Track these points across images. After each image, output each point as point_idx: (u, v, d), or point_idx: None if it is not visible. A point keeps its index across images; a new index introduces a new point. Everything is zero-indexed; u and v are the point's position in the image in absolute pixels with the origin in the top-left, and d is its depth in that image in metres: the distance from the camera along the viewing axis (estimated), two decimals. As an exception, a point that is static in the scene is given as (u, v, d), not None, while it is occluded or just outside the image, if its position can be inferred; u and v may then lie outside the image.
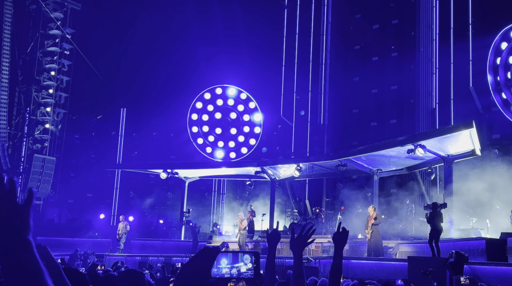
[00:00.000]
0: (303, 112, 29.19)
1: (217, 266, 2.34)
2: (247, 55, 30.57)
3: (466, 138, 19.09)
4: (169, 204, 32.18)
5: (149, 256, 23.38)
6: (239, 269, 2.37)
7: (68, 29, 30.84)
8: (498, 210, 20.93)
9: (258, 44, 30.35)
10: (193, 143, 31.92)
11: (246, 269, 2.36)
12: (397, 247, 20.92)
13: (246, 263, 2.38)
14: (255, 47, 30.41)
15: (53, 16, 30.16)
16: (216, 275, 2.34)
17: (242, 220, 23.89)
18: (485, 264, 16.10)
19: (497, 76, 23.77)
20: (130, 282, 3.83)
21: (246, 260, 2.38)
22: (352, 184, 27.46)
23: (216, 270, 2.34)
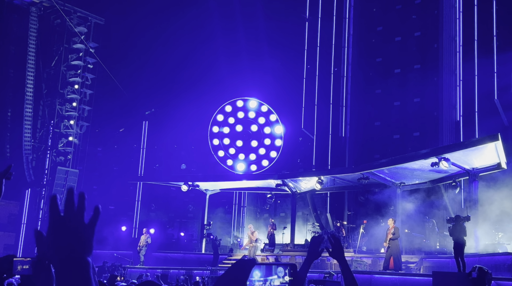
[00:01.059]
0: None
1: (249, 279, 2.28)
2: (269, 67, 30.63)
3: (492, 151, 18.77)
4: (190, 217, 32.19)
5: (170, 269, 23.37)
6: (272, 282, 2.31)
7: (91, 43, 31.28)
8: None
9: (279, 57, 30.39)
10: (214, 155, 31.96)
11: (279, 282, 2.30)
12: (420, 261, 20.59)
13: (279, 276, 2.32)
14: (276, 59, 30.46)
15: (77, 30, 30.63)
16: None
17: (252, 232, 23.78)
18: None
19: (522, 88, 23.40)
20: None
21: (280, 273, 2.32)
22: (374, 197, 27.16)
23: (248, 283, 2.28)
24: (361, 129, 29.64)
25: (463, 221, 17.30)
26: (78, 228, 1.51)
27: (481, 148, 18.57)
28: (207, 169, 31.33)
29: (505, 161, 19.39)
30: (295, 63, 30.76)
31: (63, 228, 1.52)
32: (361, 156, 28.80)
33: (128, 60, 32.06)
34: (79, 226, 1.51)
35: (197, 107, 32.04)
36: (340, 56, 29.93)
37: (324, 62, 30.36)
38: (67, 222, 1.52)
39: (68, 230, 1.51)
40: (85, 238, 1.53)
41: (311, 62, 30.77)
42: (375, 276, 18.89)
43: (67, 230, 1.51)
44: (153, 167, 32.48)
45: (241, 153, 32.17)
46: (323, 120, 29.82)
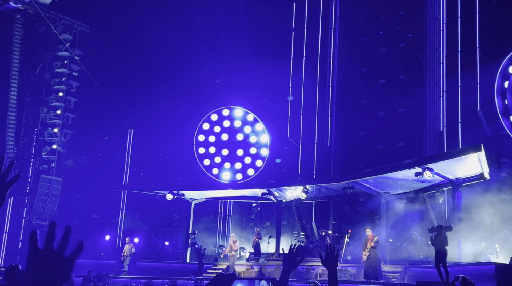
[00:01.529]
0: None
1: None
2: (255, 76, 30.71)
3: (475, 162, 18.99)
4: (175, 226, 32.04)
5: (154, 279, 23.20)
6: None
7: (76, 51, 31.12)
8: (506, 234, 20.73)
9: (265, 66, 30.49)
10: (200, 164, 31.90)
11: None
12: (405, 271, 20.69)
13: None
14: (262, 68, 30.56)
15: (62, 38, 30.47)
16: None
17: (234, 241, 23.74)
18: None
19: (505, 100, 23.74)
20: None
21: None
22: (360, 206, 27.29)
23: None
24: (346, 139, 29.80)
25: (445, 231, 17.46)
26: (58, 262, 1.50)
27: (464, 158, 18.79)
28: (193, 177, 31.24)
29: (487, 171, 19.63)
30: (281, 73, 30.88)
31: (41, 262, 1.52)
32: (346, 165, 28.95)
33: (113, 68, 31.95)
34: (58, 260, 1.50)
35: (182, 115, 31.99)
36: (326, 66, 30.13)
37: (310, 71, 30.54)
38: (46, 256, 1.52)
39: (47, 263, 1.51)
40: (64, 271, 1.52)
41: (297, 71, 30.93)
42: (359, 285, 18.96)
43: (46, 263, 1.52)
44: (138, 175, 32.31)
45: (227, 162, 32.15)
46: (309, 129, 29.95)
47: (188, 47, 32.11)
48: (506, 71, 23.77)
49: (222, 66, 31.16)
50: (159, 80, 32.10)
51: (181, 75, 31.83)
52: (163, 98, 31.87)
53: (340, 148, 29.69)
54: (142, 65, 32.22)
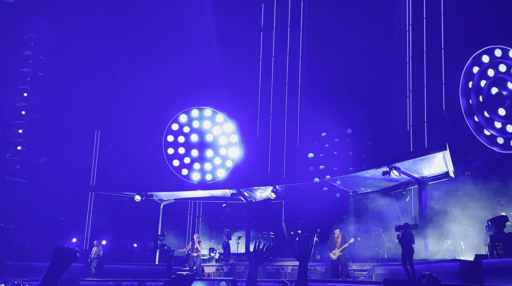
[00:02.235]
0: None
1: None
2: (224, 77, 30.63)
3: (440, 161, 19.31)
4: (144, 228, 31.70)
5: (123, 281, 22.92)
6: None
7: (42, 50, 30.54)
8: (470, 231, 21.13)
9: (234, 67, 30.45)
10: (169, 165, 31.62)
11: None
12: (372, 269, 20.90)
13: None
14: (231, 69, 30.51)
15: (27, 37, 29.87)
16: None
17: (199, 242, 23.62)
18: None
19: (469, 100, 24.20)
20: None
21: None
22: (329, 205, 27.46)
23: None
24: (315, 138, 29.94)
25: (411, 229, 17.70)
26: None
27: (430, 157, 19.09)
28: (162, 178, 30.96)
29: (452, 170, 19.97)
30: (250, 73, 30.88)
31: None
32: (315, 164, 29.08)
33: (79, 68, 31.45)
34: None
35: (151, 116, 31.68)
36: (295, 66, 30.24)
37: (279, 71, 30.61)
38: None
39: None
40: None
41: (266, 71, 30.97)
42: (328, 284, 19.06)
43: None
44: (105, 176, 31.86)
45: (197, 162, 31.96)
46: (278, 130, 30.01)
47: (156, 47, 31.84)
48: (470, 71, 24.23)
49: (191, 66, 30.98)
50: (127, 79, 31.72)
51: (149, 75, 31.53)
52: (131, 98, 31.51)
53: (310, 147, 29.83)
54: (109, 65, 31.78)
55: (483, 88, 24.28)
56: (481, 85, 24.32)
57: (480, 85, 24.34)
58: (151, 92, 31.46)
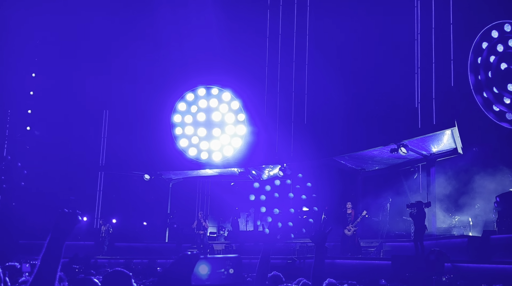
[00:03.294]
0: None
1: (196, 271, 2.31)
2: (230, 54, 30.48)
3: (448, 138, 19.28)
4: (153, 206, 31.98)
5: (133, 259, 23.24)
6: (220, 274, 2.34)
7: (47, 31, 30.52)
8: (479, 207, 21.18)
9: (241, 44, 30.28)
10: (177, 144, 31.76)
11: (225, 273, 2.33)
12: (380, 246, 21.05)
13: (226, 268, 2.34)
14: (238, 46, 30.34)
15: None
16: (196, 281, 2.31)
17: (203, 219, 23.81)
18: (468, 262, 16.25)
19: (478, 76, 24.03)
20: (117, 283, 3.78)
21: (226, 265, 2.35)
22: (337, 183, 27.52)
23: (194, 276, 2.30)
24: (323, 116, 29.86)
25: (424, 207, 17.70)
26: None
27: (439, 134, 19.06)
28: (170, 157, 31.10)
29: (461, 146, 19.94)
30: (257, 50, 30.71)
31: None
32: (323, 142, 29.07)
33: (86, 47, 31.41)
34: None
35: (158, 96, 31.69)
36: (302, 42, 30.04)
37: (286, 48, 30.42)
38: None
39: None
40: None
41: (273, 48, 30.79)
42: (336, 261, 19.23)
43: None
44: (114, 156, 32.05)
45: (204, 141, 32.06)
46: (286, 107, 29.94)
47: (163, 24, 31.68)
48: (479, 47, 24.01)
49: (198, 44, 30.84)
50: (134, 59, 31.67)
51: (156, 54, 31.45)
52: (139, 78, 31.51)
53: (317, 125, 29.78)
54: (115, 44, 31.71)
55: (492, 63, 24.08)
56: (490, 61, 24.12)
57: (489, 60, 24.14)
58: (158, 72, 31.43)
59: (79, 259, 21.67)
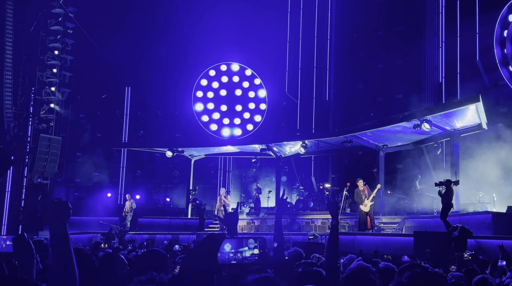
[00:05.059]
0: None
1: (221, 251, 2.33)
2: (252, 31, 30.29)
3: (473, 113, 18.96)
4: (176, 182, 32.29)
5: (156, 234, 23.57)
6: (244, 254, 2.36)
7: (70, 8, 30.58)
8: (503, 182, 20.92)
9: (263, 21, 30.03)
10: (198, 120, 31.89)
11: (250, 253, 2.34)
12: (403, 222, 21.00)
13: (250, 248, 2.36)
14: (260, 23, 30.10)
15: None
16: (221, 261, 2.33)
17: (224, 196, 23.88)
18: (491, 238, 16.12)
19: (504, 49, 23.50)
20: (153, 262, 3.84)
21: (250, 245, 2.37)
22: (358, 160, 27.43)
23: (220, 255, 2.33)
24: (344, 92, 29.68)
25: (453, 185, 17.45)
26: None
27: (463, 109, 18.75)
28: (192, 134, 31.27)
29: (485, 121, 19.62)
30: (278, 27, 30.45)
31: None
32: (344, 119, 28.94)
33: (109, 25, 31.47)
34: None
35: (180, 72, 31.76)
36: (324, 18, 29.68)
37: (307, 25, 30.10)
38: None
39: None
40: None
41: (294, 25, 30.49)
42: (358, 237, 19.26)
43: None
44: (137, 133, 32.34)
45: (226, 118, 32.13)
46: (307, 84, 29.77)
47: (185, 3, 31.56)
48: (505, 20, 23.43)
49: (219, 22, 30.68)
50: (156, 36, 31.68)
51: (178, 31, 31.40)
52: (161, 54, 31.55)
53: (339, 101, 29.61)
54: (138, 22, 31.73)
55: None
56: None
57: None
58: (180, 49, 31.41)
59: (113, 234, 22.11)
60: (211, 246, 2.24)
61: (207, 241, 2.30)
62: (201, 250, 2.28)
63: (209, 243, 2.24)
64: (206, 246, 2.27)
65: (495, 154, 20.56)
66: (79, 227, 24.95)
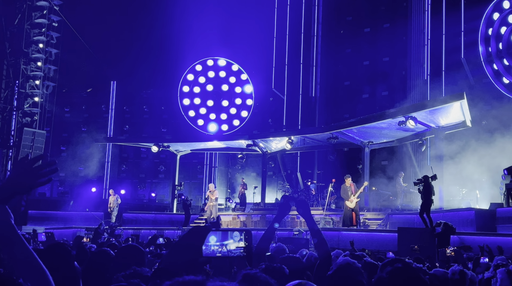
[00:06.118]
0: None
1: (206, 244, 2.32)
2: (238, 27, 30.23)
3: (457, 110, 19.13)
4: (161, 178, 32.20)
5: (141, 229, 23.48)
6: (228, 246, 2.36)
7: (55, 1, 30.28)
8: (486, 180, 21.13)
9: (250, 16, 29.99)
10: (185, 115, 31.80)
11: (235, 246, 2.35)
12: (387, 218, 21.14)
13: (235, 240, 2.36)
14: (246, 19, 30.06)
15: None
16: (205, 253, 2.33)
17: (212, 191, 23.84)
18: (474, 234, 16.30)
19: (489, 47, 23.71)
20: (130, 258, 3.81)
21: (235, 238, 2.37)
22: (344, 156, 27.57)
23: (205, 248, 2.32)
24: (331, 89, 29.78)
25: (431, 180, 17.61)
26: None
27: (447, 106, 18.91)
28: (178, 129, 31.19)
29: (469, 119, 19.80)
30: (265, 23, 30.42)
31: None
32: (330, 115, 29.05)
33: (95, 18, 31.21)
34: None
35: (167, 67, 31.63)
36: (310, 15, 29.71)
37: (294, 21, 30.11)
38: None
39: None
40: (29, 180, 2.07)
41: (281, 21, 30.49)
42: (343, 233, 19.35)
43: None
44: (122, 128, 32.17)
45: (212, 113, 32.07)
46: (294, 80, 29.81)
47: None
48: (490, 18, 23.64)
49: (206, 17, 30.57)
50: (142, 30, 31.51)
51: (165, 26, 31.23)
52: (147, 49, 31.38)
53: (325, 98, 29.71)
54: (125, 15, 31.52)
55: (503, 35, 23.74)
56: (501, 32, 23.78)
57: (500, 32, 23.80)
58: (166, 43, 31.25)
59: (102, 230, 21.92)
60: (195, 239, 2.24)
61: (191, 233, 2.30)
62: (185, 243, 2.28)
63: (194, 235, 2.24)
64: (190, 239, 2.26)
65: (479, 151, 20.77)
66: (63, 221, 24.79)
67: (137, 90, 31.97)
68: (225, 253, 2.35)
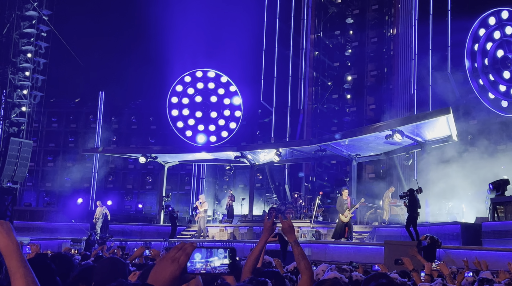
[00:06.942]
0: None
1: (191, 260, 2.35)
2: (228, 39, 30.38)
3: (443, 124, 19.32)
4: (148, 189, 32.08)
5: (128, 241, 23.34)
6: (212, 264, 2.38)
7: (44, 11, 30.24)
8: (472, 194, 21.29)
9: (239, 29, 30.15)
10: (173, 126, 31.77)
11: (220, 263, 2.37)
12: (374, 231, 21.19)
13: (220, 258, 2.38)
14: (236, 31, 30.22)
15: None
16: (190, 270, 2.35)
17: (202, 202, 23.76)
18: (460, 248, 16.39)
19: (475, 62, 24.02)
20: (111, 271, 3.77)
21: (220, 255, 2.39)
22: (331, 169, 27.69)
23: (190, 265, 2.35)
24: (319, 101, 29.95)
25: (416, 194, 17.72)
26: None
27: (433, 121, 19.09)
28: (166, 140, 31.15)
29: (456, 133, 20.00)
30: (254, 35, 30.60)
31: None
32: (318, 128, 29.19)
33: (83, 29, 31.23)
34: None
35: (156, 78, 31.68)
36: (300, 28, 29.93)
37: (283, 34, 30.32)
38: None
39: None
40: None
41: (270, 34, 30.68)
42: (329, 246, 19.38)
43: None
44: (110, 138, 32.06)
45: (201, 124, 32.09)
46: (282, 92, 29.94)
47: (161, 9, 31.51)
48: (476, 34, 23.98)
49: (195, 29, 30.71)
50: (131, 41, 31.56)
51: (154, 37, 31.32)
52: (136, 60, 31.41)
53: (313, 110, 29.85)
54: (114, 26, 31.56)
55: (489, 51, 24.07)
56: (487, 48, 24.11)
57: (486, 47, 24.13)
58: (155, 55, 31.32)
59: (93, 241, 21.77)
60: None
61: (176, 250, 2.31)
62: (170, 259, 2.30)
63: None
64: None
65: (465, 165, 20.96)
66: (49, 232, 24.58)
67: (125, 101, 31.94)
68: (209, 270, 2.38)
